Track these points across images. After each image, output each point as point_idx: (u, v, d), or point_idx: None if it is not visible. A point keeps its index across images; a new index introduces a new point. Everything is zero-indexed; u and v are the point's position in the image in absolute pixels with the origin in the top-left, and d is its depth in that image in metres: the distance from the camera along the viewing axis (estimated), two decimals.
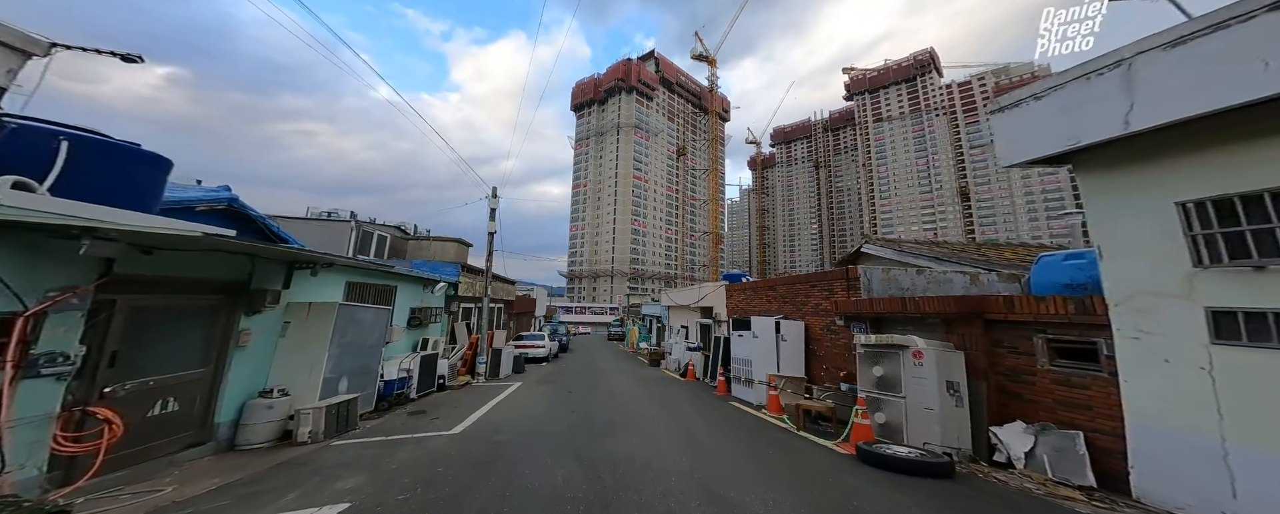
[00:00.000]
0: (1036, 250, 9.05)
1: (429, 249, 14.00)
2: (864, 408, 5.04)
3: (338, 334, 5.77)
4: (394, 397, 7.24)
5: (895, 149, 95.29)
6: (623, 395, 9.62)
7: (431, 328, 10.48)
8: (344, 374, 5.96)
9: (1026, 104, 4.00)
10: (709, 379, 11.90)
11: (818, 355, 8.52)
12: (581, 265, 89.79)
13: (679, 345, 16.54)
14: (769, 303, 11.02)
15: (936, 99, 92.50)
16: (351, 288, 7.27)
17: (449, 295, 11.78)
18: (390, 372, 7.30)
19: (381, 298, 8.34)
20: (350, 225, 11.45)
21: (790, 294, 9.91)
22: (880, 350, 5.38)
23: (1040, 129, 3.96)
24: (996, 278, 6.17)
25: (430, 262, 12.36)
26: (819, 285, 8.65)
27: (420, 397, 8.43)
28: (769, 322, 8.94)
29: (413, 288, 9.78)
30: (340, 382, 5.87)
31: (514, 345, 16.94)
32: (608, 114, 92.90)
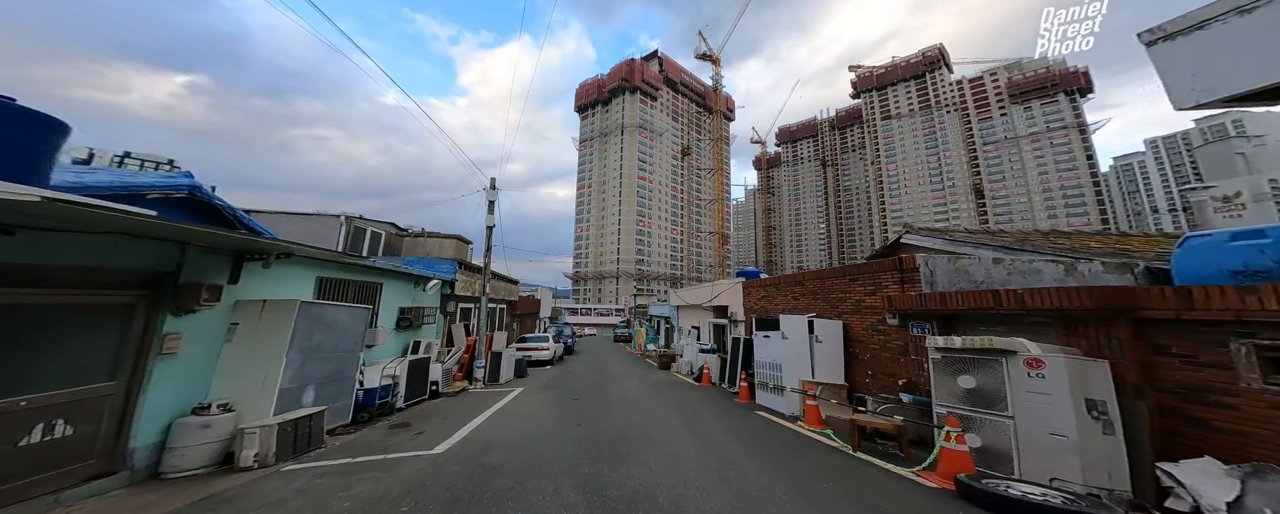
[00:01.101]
0: (1121, 239, 7.76)
1: (426, 246, 13.14)
2: (958, 429, 3.91)
3: (300, 337, 4.84)
4: (376, 407, 6.30)
5: (905, 147, 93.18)
6: (635, 403, 8.59)
7: (425, 330, 9.56)
8: (309, 383, 5.04)
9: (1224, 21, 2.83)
10: (727, 384, 10.81)
11: (861, 359, 7.39)
12: (587, 267, 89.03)
13: (691, 347, 15.46)
14: (796, 301, 9.92)
15: (947, 95, 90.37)
16: (324, 285, 6.36)
17: (445, 295, 10.87)
18: (372, 379, 6.35)
19: (363, 296, 7.44)
20: (339, 221, 10.61)
21: (823, 290, 8.79)
22: (968, 357, 4.26)
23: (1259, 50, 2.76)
24: (1102, 268, 5.00)
25: (425, 258, 11.48)
26: (861, 279, 7.52)
27: (409, 405, 7.48)
28: (800, 321, 7.84)
29: (401, 286, 8.88)
30: (304, 392, 4.94)
31: (516, 348, 16.00)
32: (612, 114, 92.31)
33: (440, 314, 10.59)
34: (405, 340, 8.81)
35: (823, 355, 7.64)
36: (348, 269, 6.98)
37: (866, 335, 7.25)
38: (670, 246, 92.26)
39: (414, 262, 10.69)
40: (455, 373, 9.81)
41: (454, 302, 11.44)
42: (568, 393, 9.87)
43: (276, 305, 4.82)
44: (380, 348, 7.73)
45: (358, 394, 5.96)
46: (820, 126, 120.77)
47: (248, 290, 4.82)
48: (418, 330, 9.20)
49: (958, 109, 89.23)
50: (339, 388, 5.47)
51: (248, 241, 4.47)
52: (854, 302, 7.67)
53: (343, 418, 5.57)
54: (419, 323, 9.07)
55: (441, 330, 10.69)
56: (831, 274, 8.62)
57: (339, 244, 10.30)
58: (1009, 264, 5.75)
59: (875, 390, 6.86)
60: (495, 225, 11.46)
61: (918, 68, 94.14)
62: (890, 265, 6.73)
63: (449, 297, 11.03)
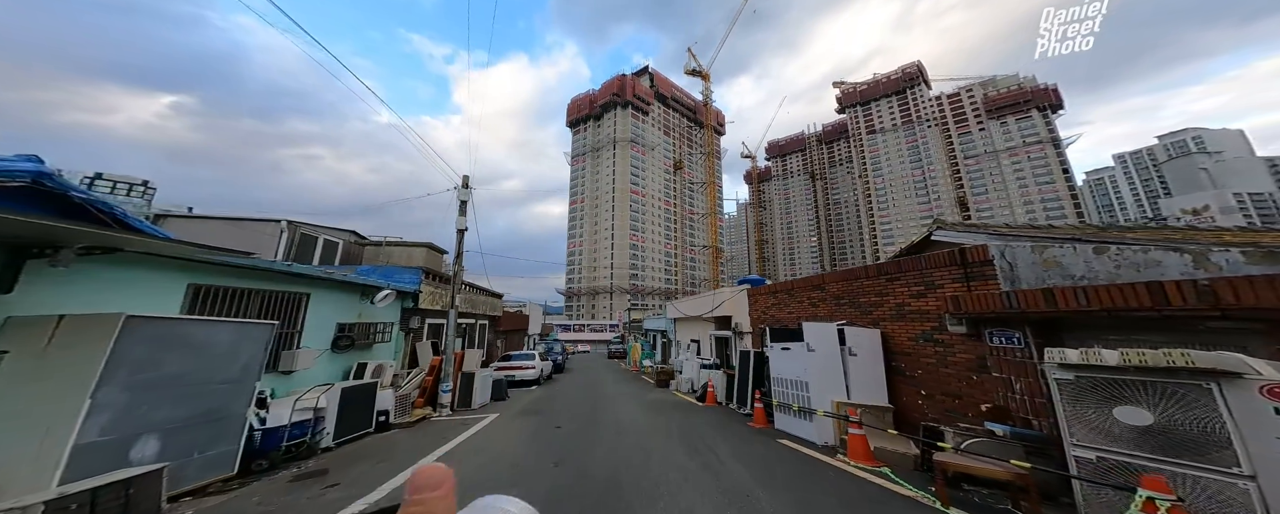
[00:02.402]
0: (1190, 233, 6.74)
1: (391, 255, 11.66)
2: (1170, 497, 2.39)
3: (128, 367, 3.40)
4: (281, 451, 4.71)
5: (890, 160, 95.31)
6: (630, 431, 7.06)
7: (377, 350, 8.01)
8: (148, 432, 3.51)
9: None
10: (736, 404, 9.34)
11: (908, 376, 6.04)
12: (579, 282, 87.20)
13: (691, 363, 13.96)
14: (814, 307, 8.63)
15: (927, 110, 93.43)
16: (204, 295, 4.90)
17: (406, 308, 9.35)
18: (279, 414, 4.80)
19: (278, 310, 5.92)
20: (279, 227, 9.11)
21: (850, 293, 7.51)
22: (1133, 380, 2.99)
23: None
24: (1243, 258, 3.84)
25: (383, 267, 9.99)
26: (904, 278, 6.25)
27: (342, 444, 5.87)
28: (828, 329, 6.53)
29: (341, 298, 7.34)
30: (136, 445, 3.40)
31: (494, 368, 14.31)
32: (603, 129, 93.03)
33: (400, 331, 9.04)
34: (347, 363, 7.23)
35: (859, 371, 6.29)
36: (245, 275, 5.46)
37: (915, 347, 5.92)
38: (664, 260, 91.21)
39: (368, 271, 9.20)
40: (415, 399, 8.19)
41: (419, 317, 9.88)
42: (550, 419, 8.29)
43: (80, 324, 3.33)
44: (309, 373, 6.17)
45: (255, 435, 4.40)
46: (808, 141, 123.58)
47: (38, 302, 3.36)
48: (366, 350, 7.65)
49: (938, 124, 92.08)
50: (214, 431, 3.93)
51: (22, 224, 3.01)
52: (894, 306, 6.39)
53: (222, 469, 4.00)
54: (369, 341, 7.54)
55: (401, 350, 9.09)
56: (861, 274, 7.35)
57: (277, 253, 8.79)
58: (1116, 255, 4.56)
59: (934, 415, 5.50)
60: (468, 228, 10.09)
61: (898, 84, 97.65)
62: (946, 258, 5.51)
63: (412, 311, 9.50)
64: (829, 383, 6.27)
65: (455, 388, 9.21)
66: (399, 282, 8.86)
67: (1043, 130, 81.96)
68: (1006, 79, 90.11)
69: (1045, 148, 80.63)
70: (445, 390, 8.60)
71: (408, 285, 9.06)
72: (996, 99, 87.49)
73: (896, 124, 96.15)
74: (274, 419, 4.64)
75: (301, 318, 6.23)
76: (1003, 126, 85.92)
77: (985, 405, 4.67)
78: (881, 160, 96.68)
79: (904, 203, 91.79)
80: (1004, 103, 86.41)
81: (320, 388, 5.57)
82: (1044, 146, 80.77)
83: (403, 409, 7.54)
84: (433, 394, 8.56)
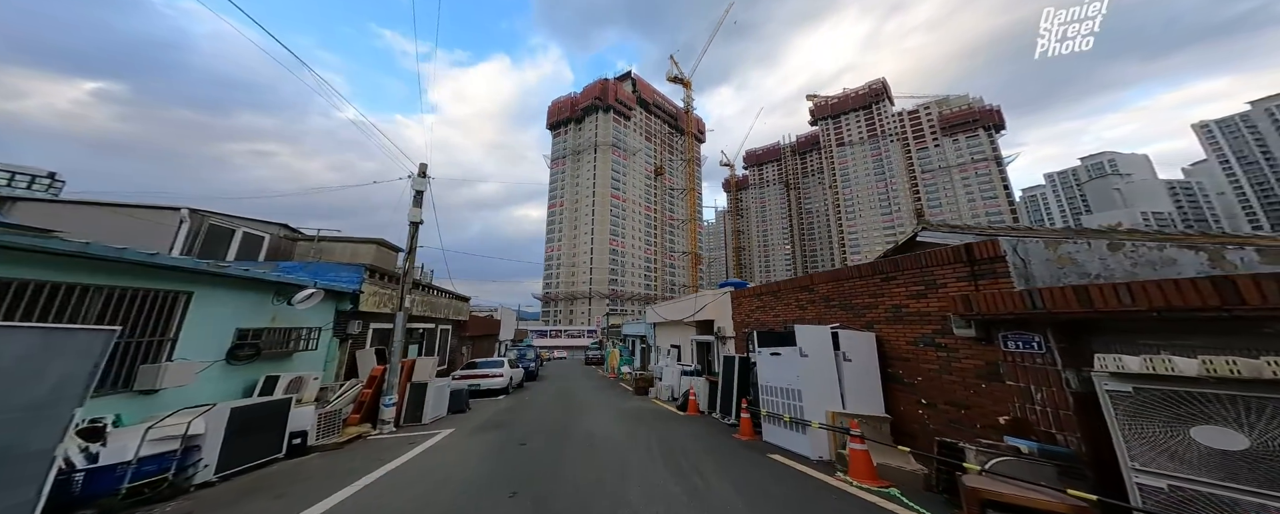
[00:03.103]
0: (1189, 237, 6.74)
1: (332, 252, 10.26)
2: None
3: None
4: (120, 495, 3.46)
5: (857, 173, 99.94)
6: (606, 447, 6.18)
7: (299, 360, 6.72)
8: None
9: None
10: (720, 414, 8.64)
11: (906, 384, 5.52)
12: (557, 287, 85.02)
13: (671, 369, 13.21)
14: (802, 310, 8.12)
15: (890, 126, 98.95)
16: None
17: (343, 311, 8.06)
18: (122, 447, 3.56)
19: (137, 311, 4.66)
20: (178, 216, 7.55)
21: (841, 295, 7.00)
22: (1216, 394, 2.49)
23: None
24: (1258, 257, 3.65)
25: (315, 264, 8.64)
26: (901, 278, 5.76)
27: (233, 475, 4.64)
28: (821, 332, 5.97)
29: (243, 297, 6.01)
30: None
31: (454, 378, 12.99)
32: (584, 132, 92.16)
33: (334, 338, 7.73)
34: (250, 376, 5.90)
35: (854, 378, 5.74)
36: (74, 266, 4.08)
37: (914, 351, 5.41)
38: (644, 266, 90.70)
39: (293, 267, 7.86)
40: (348, 415, 6.93)
41: (361, 321, 8.56)
42: (515, 433, 7.26)
43: None
44: (185, 391, 4.85)
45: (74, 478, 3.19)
46: (783, 151, 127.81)
47: None
48: (282, 361, 6.36)
49: (899, 139, 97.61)
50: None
51: None
52: (890, 308, 5.89)
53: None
54: (285, 350, 6.27)
55: (334, 359, 7.76)
56: (853, 273, 6.84)
57: (175, 248, 7.30)
58: (1131, 251, 4.23)
59: (937, 426, 4.98)
60: (423, 222, 8.95)
61: (865, 99, 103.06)
62: (950, 255, 5.03)
63: (350, 314, 8.19)
64: (823, 391, 5.67)
65: (402, 400, 7.98)
66: (331, 280, 7.58)
67: (988, 148, 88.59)
68: (958, 99, 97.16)
69: (990, 165, 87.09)
70: (388, 404, 7.37)
71: (344, 285, 7.77)
72: (950, 117, 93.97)
73: (863, 138, 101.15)
74: (113, 454, 3.42)
75: (177, 322, 4.92)
76: (955, 143, 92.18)
77: (1004, 418, 4.15)
78: (850, 172, 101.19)
79: (869, 214, 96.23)
80: (956, 121, 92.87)
81: (192, 410, 4.31)
82: (989, 163, 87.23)
83: (330, 428, 6.29)
84: (372, 408, 7.31)
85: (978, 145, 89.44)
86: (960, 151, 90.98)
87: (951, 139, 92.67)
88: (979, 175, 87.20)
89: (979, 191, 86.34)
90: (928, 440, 5.06)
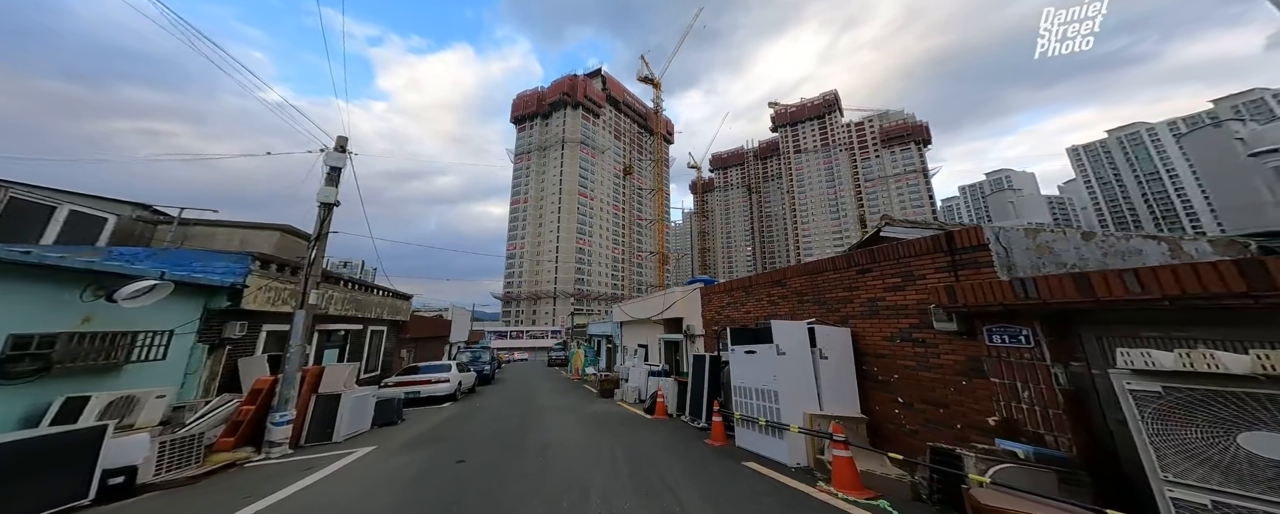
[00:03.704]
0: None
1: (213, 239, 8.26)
2: None
3: None
4: None
5: (812, 179, 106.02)
6: (563, 461, 5.22)
7: (133, 373, 5.02)
8: None
9: None
10: (690, 417, 7.95)
11: (882, 381, 5.10)
12: (520, 287, 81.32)
13: (638, 370, 12.41)
14: (774, 306, 7.63)
15: (840, 136, 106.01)
16: None
17: (216, 311, 6.32)
18: None
19: None
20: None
21: (814, 289, 6.55)
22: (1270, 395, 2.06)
23: None
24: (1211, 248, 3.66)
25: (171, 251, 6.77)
26: (877, 270, 5.34)
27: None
28: (797, 328, 5.42)
29: (30, 291, 4.30)
30: None
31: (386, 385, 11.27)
32: (552, 128, 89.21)
33: (199, 344, 5.99)
34: (42, 398, 4.20)
35: (831, 377, 5.23)
36: None
37: (892, 348, 5.00)
38: (611, 266, 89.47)
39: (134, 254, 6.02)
40: (216, 439, 5.33)
41: (244, 322, 6.79)
42: (453, 449, 6.06)
43: None
44: None
45: None
46: (746, 156, 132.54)
47: None
48: (101, 376, 4.67)
49: (847, 149, 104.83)
50: None
51: None
52: (866, 301, 5.46)
53: None
54: (106, 361, 4.60)
55: (201, 370, 5.99)
56: (828, 266, 6.40)
57: None
58: (1102, 241, 4.09)
59: (914, 426, 4.56)
60: (338, 203, 7.35)
61: (820, 109, 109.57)
62: (930, 244, 4.65)
63: (227, 313, 6.45)
64: (799, 392, 5.10)
65: (304, 416, 6.40)
66: (197, 271, 5.86)
67: (918, 161, 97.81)
68: (896, 113, 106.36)
69: (919, 177, 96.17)
70: (281, 421, 5.80)
71: (216, 277, 6.03)
72: (889, 130, 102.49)
73: (817, 146, 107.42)
74: None
75: None
76: (892, 155, 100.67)
77: (992, 418, 3.77)
78: (805, 178, 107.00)
79: (820, 218, 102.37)
80: (894, 134, 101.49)
81: None
82: (918, 175, 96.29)
83: (182, 458, 4.71)
84: (254, 429, 5.72)
85: (910, 158, 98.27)
86: (896, 163, 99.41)
87: (889, 151, 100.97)
88: (909, 186, 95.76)
89: (909, 201, 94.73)
90: (905, 441, 4.64)
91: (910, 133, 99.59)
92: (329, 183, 7.39)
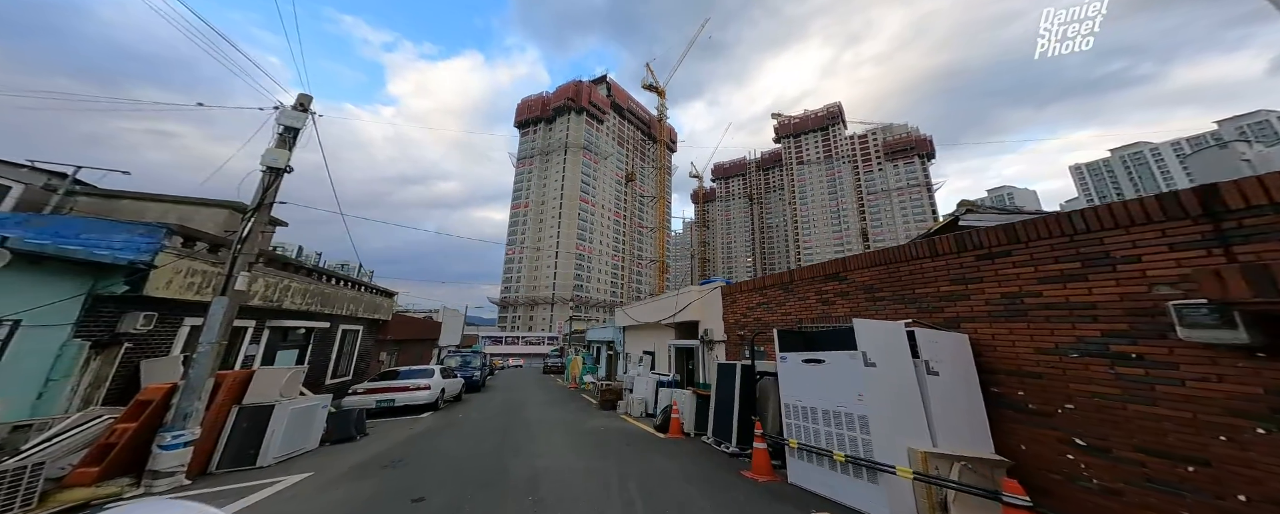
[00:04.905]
0: None
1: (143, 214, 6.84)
2: None
3: None
4: None
5: (814, 190, 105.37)
6: (555, 502, 3.72)
7: None
8: None
9: None
10: (712, 436, 6.43)
11: (1032, 412, 3.51)
12: (517, 292, 79.61)
13: (643, 379, 10.89)
14: (827, 306, 6.17)
15: (843, 148, 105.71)
16: None
17: (108, 295, 4.85)
18: None
19: None
20: None
21: (891, 282, 5.03)
22: None
23: None
24: None
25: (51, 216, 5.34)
26: (1025, 253, 3.67)
27: None
28: (891, 331, 3.89)
29: None
30: None
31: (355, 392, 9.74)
32: (555, 133, 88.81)
33: (74, 339, 4.47)
34: None
35: (943, 399, 3.70)
36: None
37: (1053, 364, 3.40)
38: (611, 272, 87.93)
39: None
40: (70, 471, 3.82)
41: (152, 315, 5.28)
42: (411, 479, 4.58)
43: None
44: None
45: None
46: (748, 167, 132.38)
47: None
48: None
49: (850, 161, 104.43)
50: None
51: None
52: (998, 298, 3.85)
53: None
54: None
55: (71, 375, 4.40)
56: (918, 252, 4.76)
57: None
58: None
59: (1108, 481, 2.97)
60: (290, 170, 5.95)
61: (823, 121, 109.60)
62: (1158, 208, 2.92)
63: (124, 300, 4.95)
64: (900, 418, 3.60)
65: (217, 434, 4.87)
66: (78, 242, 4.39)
67: (921, 175, 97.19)
68: (900, 127, 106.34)
69: (922, 191, 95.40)
70: (174, 443, 4.26)
71: (101, 252, 4.54)
72: (892, 143, 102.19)
73: (820, 157, 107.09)
74: None
75: None
76: (895, 168, 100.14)
77: None
78: (807, 190, 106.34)
79: (822, 231, 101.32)
80: (898, 147, 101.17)
81: None
82: (921, 189, 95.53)
83: (4, 499, 3.19)
84: (133, 453, 4.18)
85: (913, 172, 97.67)
86: (899, 176, 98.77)
87: (893, 164, 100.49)
88: (912, 200, 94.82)
89: (912, 214, 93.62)
90: (1092, 503, 3.07)
91: (914, 146, 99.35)
92: (280, 145, 6.00)
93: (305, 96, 6.44)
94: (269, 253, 7.61)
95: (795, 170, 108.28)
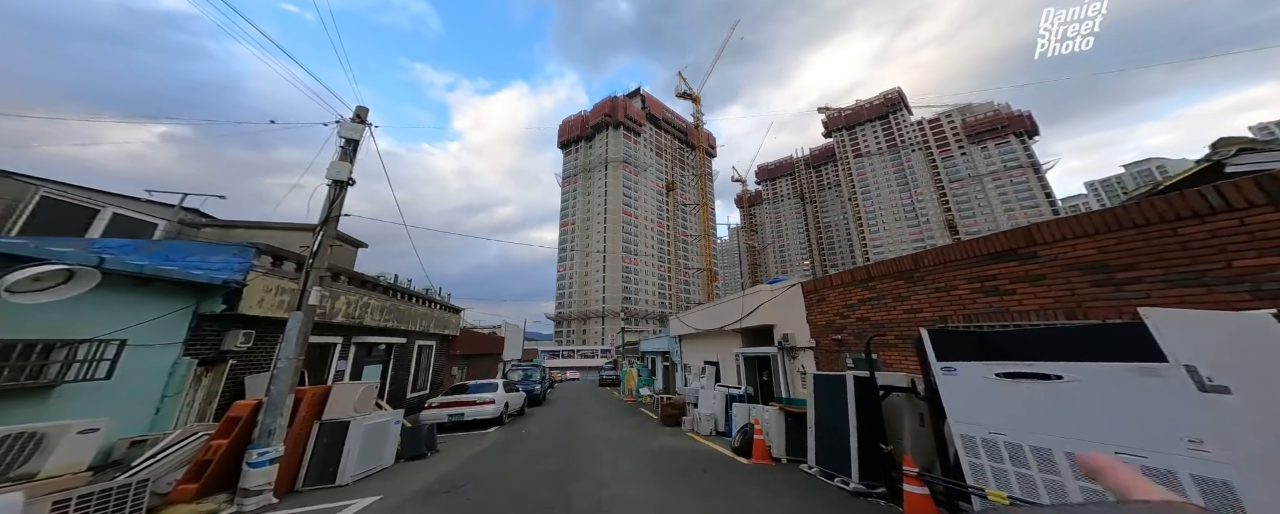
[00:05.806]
0: None
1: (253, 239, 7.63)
2: None
3: None
4: None
5: (878, 184, 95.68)
6: None
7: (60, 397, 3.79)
8: None
9: None
10: (815, 464, 5.23)
11: None
12: (570, 307, 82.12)
13: (710, 393, 9.83)
14: (990, 298, 4.68)
15: (910, 135, 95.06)
16: None
17: (211, 315, 5.20)
18: None
19: None
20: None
21: (1152, 256, 3.34)
22: None
23: None
24: None
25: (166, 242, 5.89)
26: None
27: None
28: (1259, 324, 2.34)
29: None
30: None
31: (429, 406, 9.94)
32: (595, 150, 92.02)
33: (184, 357, 4.80)
34: None
35: None
36: None
37: None
38: (658, 283, 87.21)
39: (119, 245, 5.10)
40: (174, 486, 3.93)
41: (251, 332, 5.62)
42: (473, 507, 4.12)
43: None
44: None
45: None
46: (796, 165, 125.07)
47: None
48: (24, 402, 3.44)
49: (922, 148, 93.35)
50: None
51: None
52: None
53: None
54: (42, 382, 3.37)
55: (181, 391, 4.69)
56: (1194, 208, 3.12)
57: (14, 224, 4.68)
58: None
59: None
60: (352, 182, 6.17)
61: (881, 109, 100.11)
62: None
63: (226, 320, 5.30)
64: None
65: (301, 451, 4.92)
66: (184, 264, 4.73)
67: (1022, 155, 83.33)
68: (982, 106, 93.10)
69: (1026, 172, 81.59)
70: (259, 462, 4.30)
71: (197, 273, 4.85)
72: (975, 124, 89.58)
73: (882, 148, 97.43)
74: None
75: None
76: (984, 151, 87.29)
77: None
78: (869, 183, 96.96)
79: (894, 226, 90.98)
80: (982, 128, 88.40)
81: None
82: (1025, 171, 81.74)
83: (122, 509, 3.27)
84: (226, 469, 4.26)
85: (1010, 152, 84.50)
86: (991, 159, 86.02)
87: (979, 147, 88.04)
88: (1014, 183, 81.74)
89: (1016, 199, 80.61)
90: None
91: (1006, 124, 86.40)
92: (343, 158, 6.29)
93: (362, 108, 6.75)
94: (349, 271, 8.09)
95: (853, 164, 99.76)
